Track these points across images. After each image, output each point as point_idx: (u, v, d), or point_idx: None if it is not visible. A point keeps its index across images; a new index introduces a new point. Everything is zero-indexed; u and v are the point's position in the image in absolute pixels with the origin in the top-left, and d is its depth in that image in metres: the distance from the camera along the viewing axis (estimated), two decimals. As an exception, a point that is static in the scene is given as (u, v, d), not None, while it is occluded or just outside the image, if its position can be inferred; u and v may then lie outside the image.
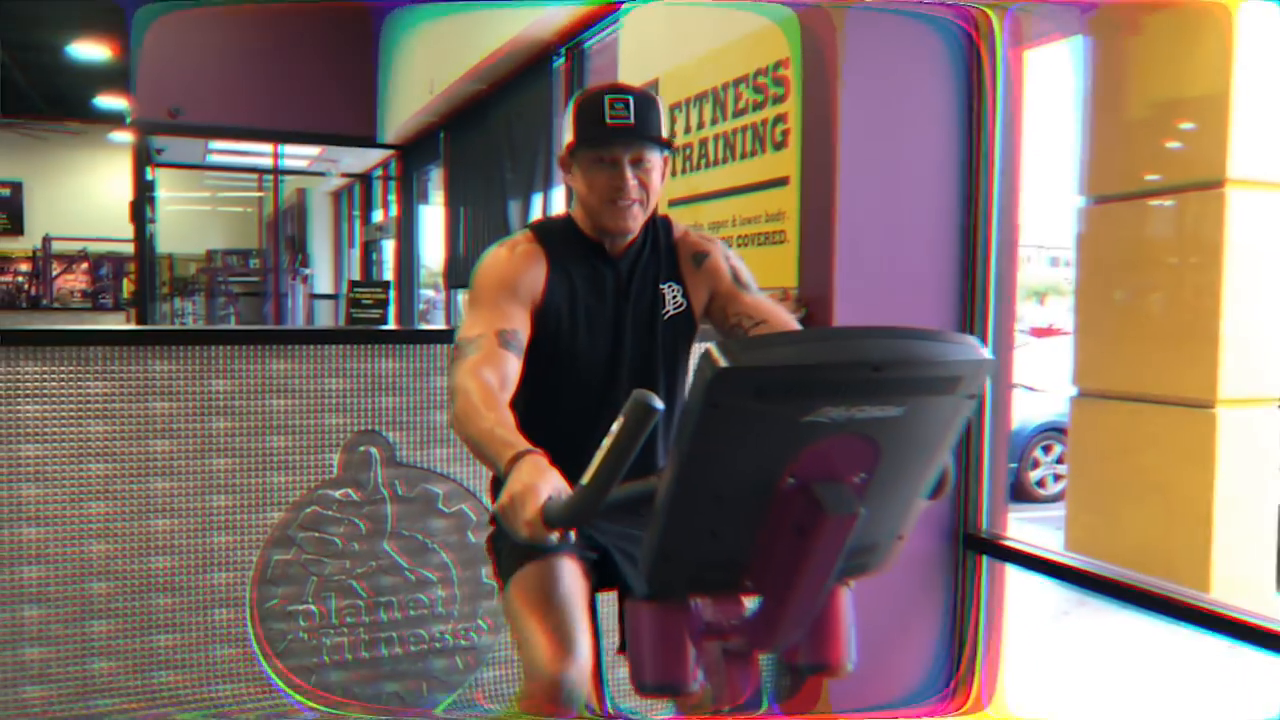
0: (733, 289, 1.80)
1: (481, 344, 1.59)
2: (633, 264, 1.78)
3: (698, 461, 1.01)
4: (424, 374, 2.36)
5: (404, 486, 2.36)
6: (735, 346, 0.96)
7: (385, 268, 11.31)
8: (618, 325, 1.76)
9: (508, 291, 1.68)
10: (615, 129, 1.64)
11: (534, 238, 1.77)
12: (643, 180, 1.68)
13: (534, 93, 5.95)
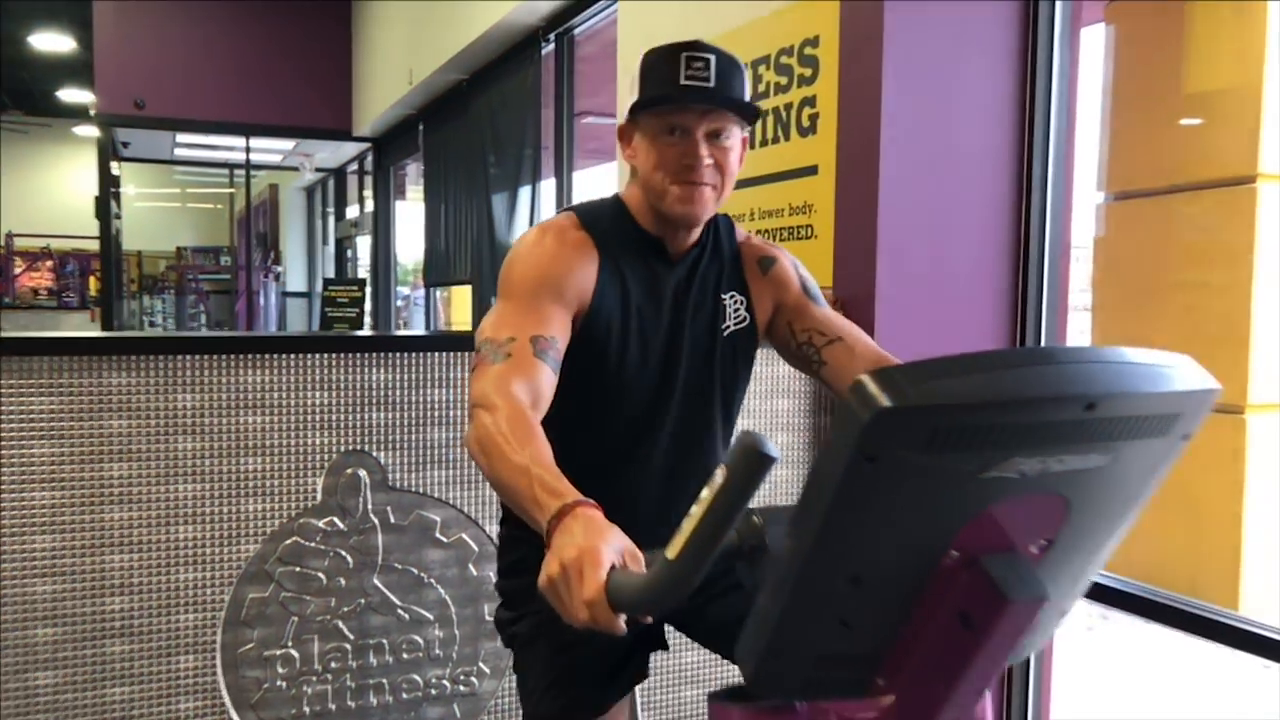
0: (802, 301, 1.52)
1: (512, 350, 1.28)
2: (693, 267, 1.48)
3: (834, 535, 0.74)
4: (418, 385, 2.08)
5: (396, 514, 2.08)
6: (900, 377, 0.69)
7: (360, 265, 10.96)
8: (672, 340, 1.46)
9: (551, 289, 1.36)
10: (691, 89, 1.33)
11: (581, 224, 1.45)
12: (719, 159, 1.37)
13: (519, 81, 5.67)
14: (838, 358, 1.44)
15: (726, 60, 1.37)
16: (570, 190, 5.39)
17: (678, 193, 1.37)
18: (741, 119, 1.39)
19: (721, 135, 1.38)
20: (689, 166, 1.36)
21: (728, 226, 1.55)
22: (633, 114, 1.40)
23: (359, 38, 8.91)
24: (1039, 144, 2.40)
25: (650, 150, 1.39)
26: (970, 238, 2.40)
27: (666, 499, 1.46)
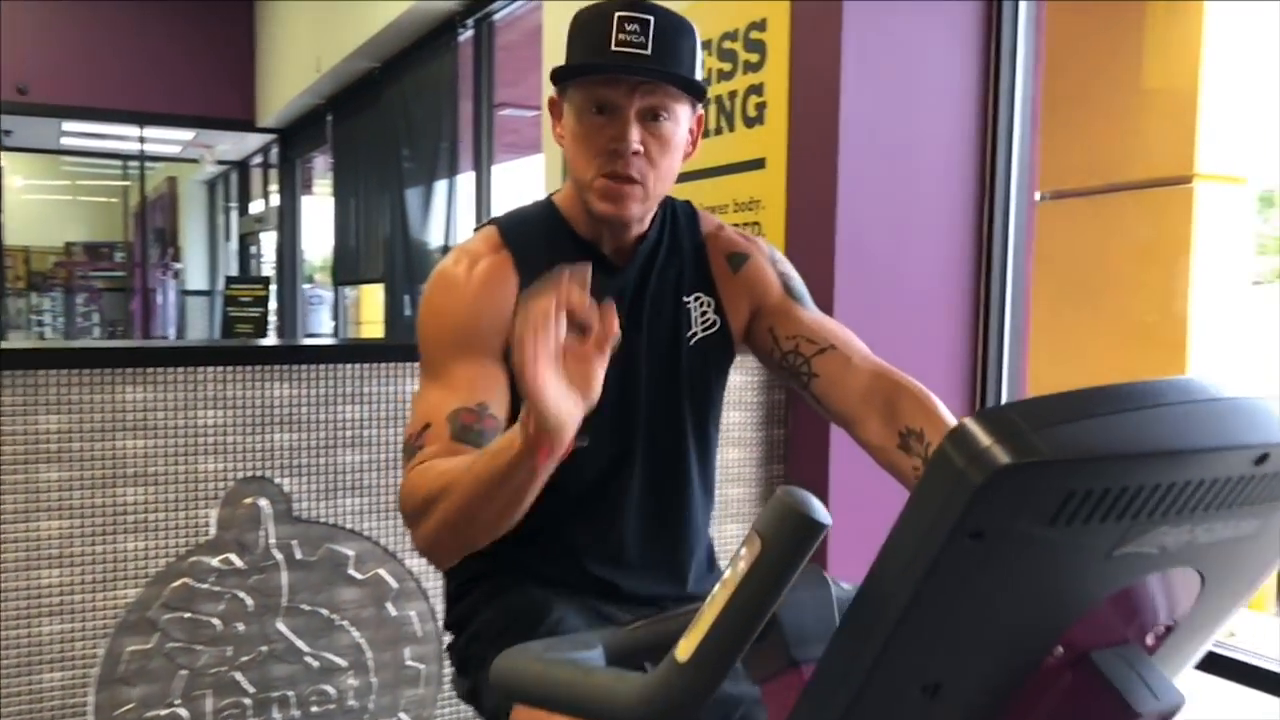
0: (785, 302, 1.29)
1: (428, 442, 1.07)
2: (644, 268, 1.25)
3: (911, 634, 0.54)
4: (327, 402, 1.83)
5: (302, 548, 1.82)
6: (1023, 422, 0.49)
7: (266, 263, 10.49)
8: (628, 360, 1.20)
9: (464, 343, 1.12)
10: (621, 56, 1.10)
11: (500, 241, 1.21)
12: (650, 146, 1.13)
13: (435, 70, 5.39)
14: (831, 369, 1.23)
15: (670, 22, 1.14)
16: (489, 185, 5.13)
17: (600, 186, 1.14)
18: (689, 95, 1.16)
19: (660, 115, 1.14)
20: (614, 153, 1.13)
21: (688, 215, 1.31)
22: (556, 83, 1.17)
23: (262, 22, 8.48)
24: (1002, 138, 2.25)
25: (577, 131, 1.16)
26: (932, 236, 2.23)
27: (651, 544, 1.25)
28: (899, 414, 1.17)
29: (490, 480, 0.94)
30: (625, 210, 1.16)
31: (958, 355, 2.30)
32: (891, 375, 1.21)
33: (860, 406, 1.20)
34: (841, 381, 1.21)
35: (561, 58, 1.17)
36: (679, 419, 1.25)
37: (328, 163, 7.86)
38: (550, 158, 3.67)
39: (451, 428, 1.07)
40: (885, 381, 1.20)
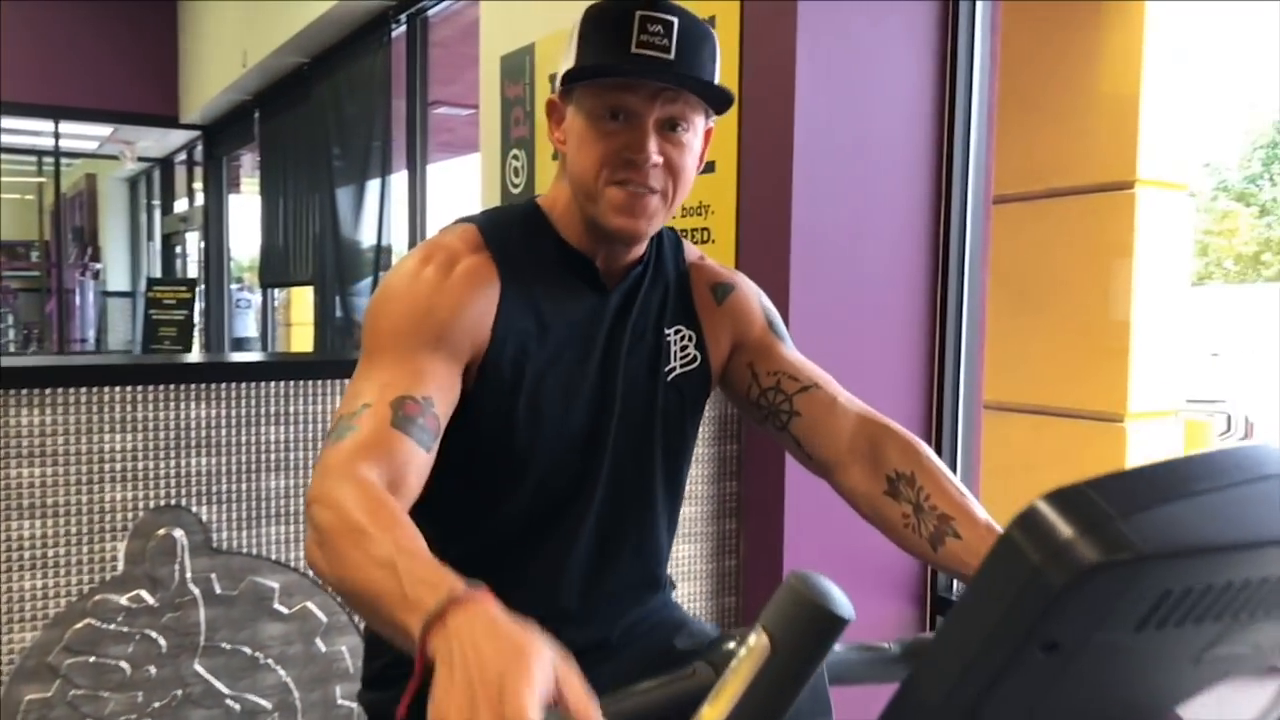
0: (767, 337, 1.19)
1: (363, 422, 0.93)
2: (631, 293, 1.14)
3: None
4: (249, 423, 1.68)
5: (222, 582, 1.68)
6: (1112, 507, 0.39)
7: (192, 263, 10.14)
8: (604, 388, 1.11)
9: (429, 335, 1.00)
10: (644, 60, 1.00)
11: (482, 242, 1.09)
12: (672, 156, 1.04)
13: (367, 67, 5.22)
14: (814, 409, 1.13)
15: (694, 25, 1.04)
16: (424, 185, 4.98)
17: (616, 198, 1.04)
18: (708, 105, 1.06)
19: (679, 125, 1.04)
20: (631, 164, 1.02)
21: (673, 242, 1.21)
22: (566, 85, 1.06)
23: (186, 14, 8.18)
24: (959, 141, 2.18)
25: (585, 136, 1.05)
26: (889, 241, 2.16)
27: (592, 594, 1.13)
28: (885, 458, 1.08)
29: (370, 597, 0.77)
30: (642, 225, 1.05)
31: (915, 361, 2.24)
32: (877, 420, 1.12)
33: (844, 451, 1.11)
34: (825, 423, 1.12)
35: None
36: (649, 459, 1.15)
37: (255, 161, 7.60)
38: (488, 158, 3.53)
39: (394, 413, 0.94)
40: (871, 426, 1.11)
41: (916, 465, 1.05)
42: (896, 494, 1.05)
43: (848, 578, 2.07)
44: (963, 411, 2.26)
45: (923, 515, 1.02)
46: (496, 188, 3.43)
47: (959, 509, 1.01)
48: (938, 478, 1.04)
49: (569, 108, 1.07)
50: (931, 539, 1.01)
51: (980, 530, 0.99)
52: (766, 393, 1.16)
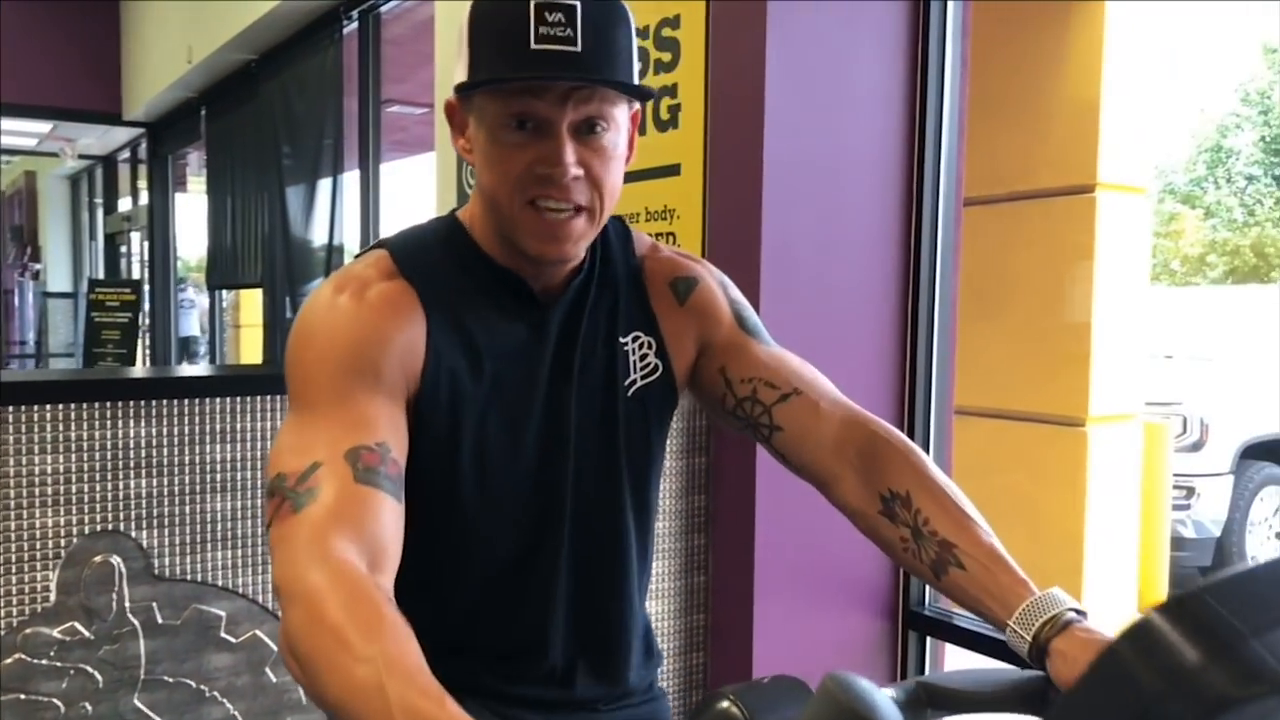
0: (737, 336, 1.08)
1: (319, 481, 0.82)
2: (575, 303, 1.03)
3: None
4: (193, 442, 1.59)
5: (164, 611, 1.58)
6: (1234, 621, 0.33)
7: (137, 262, 9.87)
8: (555, 414, 1.01)
9: (361, 372, 0.89)
10: (547, 56, 0.87)
11: (395, 268, 0.97)
12: (592, 165, 0.92)
13: (318, 64, 5.09)
14: (796, 420, 1.04)
15: (599, 8, 0.90)
16: (377, 184, 4.86)
17: (534, 224, 0.92)
18: (624, 98, 0.94)
19: (598, 126, 0.92)
20: (547, 179, 0.90)
21: (621, 234, 1.09)
22: (461, 94, 0.94)
23: (128, 9, 7.95)
24: (930, 142, 2.14)
25: (490, 151, 0.93)
26: (860, 247, 2.11)
27: (582, 640, 1.05)
28: (879, 471, 1.01)
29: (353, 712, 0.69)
30: (567, 248, 0.94)
31: (886, 365, 2.19)
32: (866, 423, 1.04)
33: (833, 463, 1.03)
34: (809, 434, 1.04)
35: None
36: (615, 487, 1.04)
37: (201, 159, 7.41)
38: (443, 157, 3.44)
39: (353, 468, 0.83)
40: (859, 431, 1.04)
41: (913, 482, 0.99)
42: (893, 515, 0.98)
43: (819, 592, 2.01)
44: (934, 416, 2.22)
45: (923, 541, 0.96)
46: (453, 190, 3.34)
47: (960, 532, 0.95)
48: (936, 495, 0.97)
49: (470, 116, 0.95)
50: (934, 567, 0.95)
51: (983, 558, 0.93)
52: (743, 403, 1.07)
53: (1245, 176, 15.74)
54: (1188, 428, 4.90)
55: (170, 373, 1.95)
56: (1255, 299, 7.30)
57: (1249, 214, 15.51)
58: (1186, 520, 4.85)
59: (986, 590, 0.91)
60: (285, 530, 0.80)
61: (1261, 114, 15.29)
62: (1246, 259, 15.28)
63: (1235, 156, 15.77)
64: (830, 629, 2.14)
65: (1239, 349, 5.63)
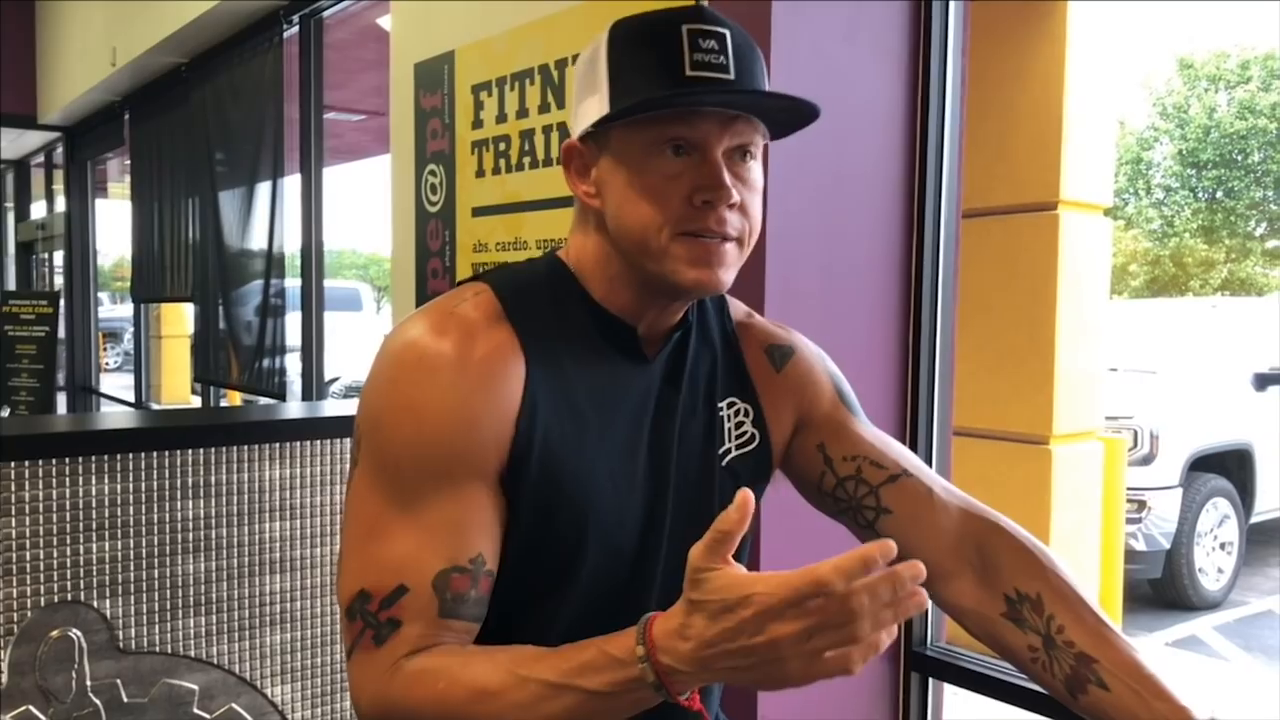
0: (838, 412, 1.01)
1: (406, 618, 0.79)
2: (675, 360, 0.95)
3: None
4: (161, 498, 1.43)
5: (130, 688, 1.42)
6: None
7: (57, 273, 9.43)
8: (657, 480, 0.92)
9: (451, 468, 0.82)
10: (707, 81, 0.83)
11: (502, 312, 0.89)
12: (744, 195, 0.86)
13: (256, 68, 4.89)
14: (907, 505, 0.95)
15: (745, 37, 0.87)
16: (320, 190, 4.67)
17: (688, 251, 0.85)
18: (768, 128, 0.89)
19: (749, 154, 0.87)
20: (706, 206, 0.84)
21: (717, 300, 1.01)
22: (608, 123, 0.86)
23: (45, 8, 7.60)
24: (932, 159, 2.08)
25: (637, 181, 0.85)
26: (862, 263, 2.04)
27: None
28: (1002, 570, 0.91)
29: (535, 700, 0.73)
30: (721, 274, 0.86)
31: (889, 386, 2.13)
32: (986, 517, 0.95)
33: (948, 557, 0.94)
34: (923, 523, 0.95)
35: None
36: None
37: (123, 164, 7.10)
38: (399, 171, 3.28)
39: (440, 598, 0.80)
40: (979, 524, 0.94)
41: (1043, 584, 0.89)
42: (1020, 619, 0.89)
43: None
44: (937, 437, 2.16)
45: (1055, 652, 0.87)
46: (410, 205, 3.19)
47: (1101, 645, 0.85)
48: (1071, 601, 0.88)
49: (602, 155, 0.88)
50: (1069, 683, 0.86)
51: (1130, 678, 0.84)
52: (845, 483, 0.98)
53: (1164, 188, 16.24)
54: (1139, 441, 4.95)
55: (135, 424, 1.78)
56: (1179, 311, 7.46)
57: (1168, 225, 15.99)
58: (1137, 533, 4.90)
59: (1134, 716, 0.82)
60: (367, 661, 0.80)
61: (1178, 127, 15.78)
62: (1166, 269, 15.75)
63: (1154, 169, 16.25)
64: (833, 672, 2.05)
65: (1177, 361, 5.73)
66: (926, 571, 0.95)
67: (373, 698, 0.79)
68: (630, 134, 0.85)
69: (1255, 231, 15.70)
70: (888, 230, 2.07)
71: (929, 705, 2.19)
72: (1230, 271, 15.59)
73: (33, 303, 7.32)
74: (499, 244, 2.71)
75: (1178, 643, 4.71)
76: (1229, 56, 15.31)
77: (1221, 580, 5.22)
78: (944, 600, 0.95)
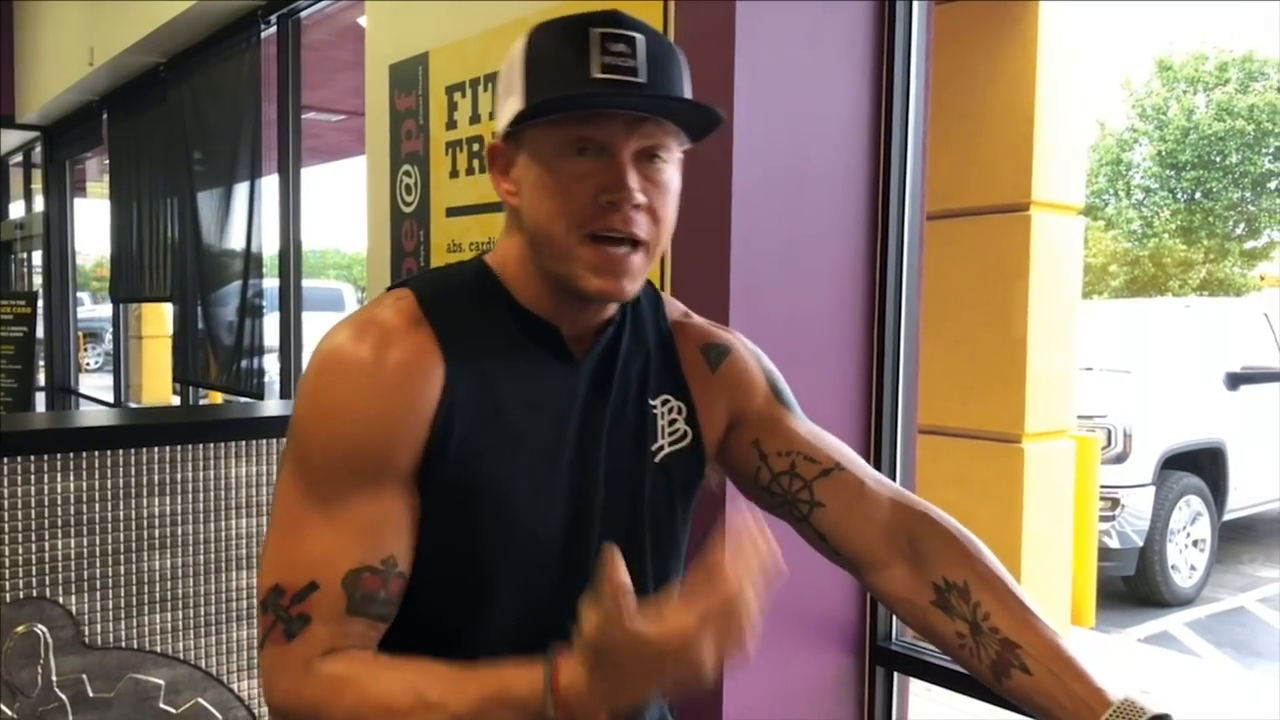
0: (772, 408, 1.03)
1: (314, 609, 0.82)
2: (606, 360, 0.96)
3: None
4: (127, 495, 1.45)
5: (97, 683, 1.44)
6: None
7: (37, 273, 9.38)
8: (583, 479, 0.93)
9: (367, 469, 0.85)
10: (614, 84, 0.85)
11: (420, 314, 0.91)
12: (653, 198, 0.87)
13: (234, 68, 4.88)
14: (840, 498, 0.98)
15: (660, 42, 0.89)
16: (297, 190, 4.67)
17: (592, 258, 0.86)
18: (684, 133, 0.90)
19: (658, 155, 0.88)
20: (608, 206, 0.85)
21: (651, 297, 1.03)
22: (519, 124, 0.88)
23: (22, 7, 7.57)
24: (896, 154, 2.10)
25: (546, 180, 0.87)
26: (827, 263, 2.06)
27: None
28: (931, 559, 0.94)
29: None
30: (626, 285, 0.88)
31: (853, 383, 2.16)
32: (915, 505, 0.98)
33: (880, 547, 0.96)
34: (854, 513, 0.97)
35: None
36: (639, 561, 0.95)
37: (102, 163, 7.07)
38: (374, 172, 3.29)
39: (349, 596, 0.82)
40: (908, 514, 0.97)
41: (970, 572, 0.92)
42: (948, 607, 0.92)
43: (785, 629, 1.93)
44: (901, 435, 2.18)
45: (982, 638, 0.89)
46: (385, 205, 3.20)
47: (1024, 631, 0.88)
48: (996, 589, 0.91)
49: (520, 154, 0.90)
50: (994, 668, 0.89)
51: (1051, 662, 0.87)
52: (780, 478, 1.00)
53: (1143, 189, 16.37)
54: (1112, 440, 5.00)
55: (102, 421, 1.79)
56: (1154, 311, 7.53)
57: (1147, 226, 16.12)
58: (1111, 531, 4.95)
59: (1057, 703, 0.86)
60: (277, 655, 0.82)
61: (1157, 129, 15.91)
62: (1146, 269, 15.88)
63: (1134, 170, 16.38)
64: (799, 666, 2.08)
65: (1151, 360, 5.79)
66: (860, 562, 0.98)
67: (284, 695, 0.81)
68: (542, 134, 0.87)
69: (1233, 232, 15.85)
70: (852, 231, 2.10)
71: (894, 700, 2.22)
72: (1209, 272, 15.74)
73: (11, 303, 7.28)
74: (473, 244, 2.73)
75: (1150, 639, 4.76)
76: (1207, 59, 15.45)
77: (1194, 577, 5.28)
78: (877, 589, 0.98)
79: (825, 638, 2.10)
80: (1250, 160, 15.15)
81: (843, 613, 2.12)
